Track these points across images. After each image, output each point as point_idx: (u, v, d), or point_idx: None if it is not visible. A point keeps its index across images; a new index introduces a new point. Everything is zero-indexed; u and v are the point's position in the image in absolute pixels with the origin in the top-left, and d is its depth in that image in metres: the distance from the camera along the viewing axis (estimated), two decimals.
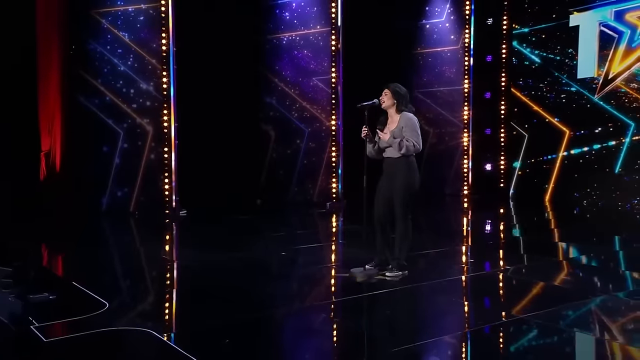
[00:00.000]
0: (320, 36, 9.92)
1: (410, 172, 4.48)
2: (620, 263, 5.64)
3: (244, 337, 3.36)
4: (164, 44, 8.38)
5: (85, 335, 3.30)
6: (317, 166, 10.07)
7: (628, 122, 9.49)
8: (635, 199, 9.37)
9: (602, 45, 9.81)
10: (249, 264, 5.42)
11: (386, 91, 4.58)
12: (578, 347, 3.24)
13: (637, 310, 3.85)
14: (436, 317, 3.83)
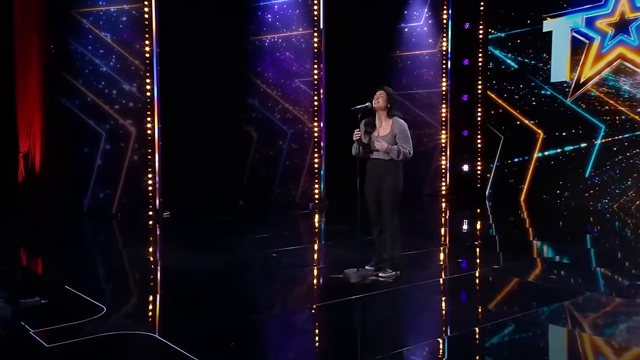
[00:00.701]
0: (303, 38, 9.90)
1: (398, 174, 4.55)
2: (593, 260, 5.81)
3: (245, 339, 3.36)
4: (148, 45, 8.25)
5: (88, 340, 3.24)
6: (299, 167, 10.05)
7: (599, 125, 9.74)
8: (605, 199, 9.64)
9: (574, 50, 10.03)
10: (240, 266, 5.40)
11: (382, 93, 4.58)
12: (569, 345, 3.33)
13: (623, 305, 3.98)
14: (431, 318, 3.88)
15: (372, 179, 4.64)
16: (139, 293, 4.58)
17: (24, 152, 8.60)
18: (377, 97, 4.58)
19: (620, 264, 5.57)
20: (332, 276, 4.57)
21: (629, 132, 9.41)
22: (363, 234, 6.58)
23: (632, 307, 3.91)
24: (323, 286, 4.42)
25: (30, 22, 8.35)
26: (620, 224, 8.35)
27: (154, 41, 8.28)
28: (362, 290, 4.24)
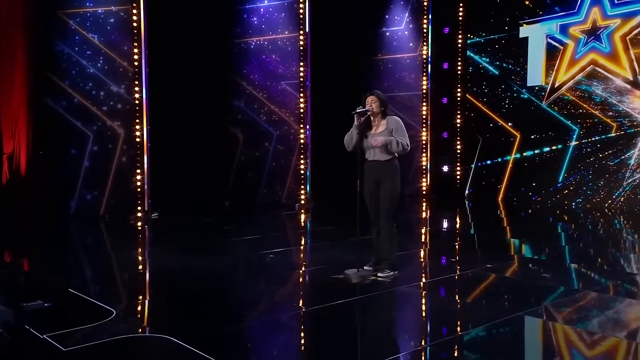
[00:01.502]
0: (289, 41, 9.94)
1: (397, 176, 4.59)
2: (577, 258, 6.01)
3: (258, 340, 3.38)
4: (136, 47, 8.16)
5: (104, 343, 3.21)
6: (285, 168, 10.08)
7: (573, 127, 10.04)
8: (579, 198, 9.94)
9: (549, 55, 10.32)
10: (239, 268, 5.39)
11: (374, 98, 4.62)
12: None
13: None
14: (442, 316, 3.96)
15: (370, 181, 4.66)
16: (144, 295, 4.52)
17: (8, 154, 8.40)
18: (370, 103, 4.63)
19: (595, 261, 5.76)
20: (334, 277, 4.58)
21: (601, 135, 9.72)
22: (353, 235, 6.67)
23: (611, 301, 4.07)
24: (327, 287, 4.42)
25: (14, 22, 8.15)
26: (592, 222, 8.62)
27: (143, 43, 8.19)
28: (367, 290, 4.29)
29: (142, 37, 8.19)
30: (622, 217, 8.81)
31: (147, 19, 8.21)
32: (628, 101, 9.43)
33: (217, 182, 10.30)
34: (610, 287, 4.55)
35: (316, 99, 10.05)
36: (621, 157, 9.47)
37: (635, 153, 9.32)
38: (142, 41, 8.20)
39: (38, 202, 8.25)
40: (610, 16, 9.56)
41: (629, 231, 7.80)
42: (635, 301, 4.07)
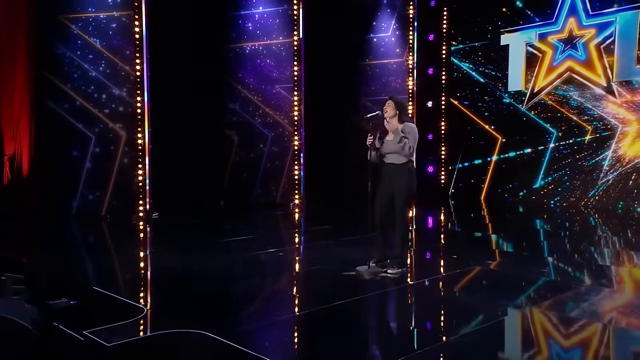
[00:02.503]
0: (283, 46, 10.03)
1: (412, 177, 4.72)
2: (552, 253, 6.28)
3: (292, 333, 3.50)
4: (138, 51, 8.17)
5: (143, 338, 3.30)
6: (280, 169, 10.16)
7: (551, 130, 10.38)
8: (557, 197, 10.28)
9: (528, 62, 10.61)
10: (253, 265, 5.45)
11: (389, 102, 4.77)
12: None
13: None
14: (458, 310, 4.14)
15: (386, 182, 4.77)
16: (169, 293, 4.54)
17: (10, 155, 8.33)
18: (386, 107, 4.78)
19: (574, 255, 6.04)
20: (345, 274, 4.71)
21: (577, 137, 10.07)
22: (351, 233, 6.83)
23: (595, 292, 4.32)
24: (343, 283, 4.52)
25: (17, 26, 8.06)
26: (570, 218, 8.95)
27: (144, 48, 8.21)
28: (384, 286, 4.43)
29: (143, 42, 8.20)
30: (597, 214, 9.18)
31: (148, 24, 8.23)
32: (602, 106, 9.79)
33: (213, 182, 10.34)
34: (591, 278, 4.81)
35: (309, 101, 10.17)
36: (596, 159, 9.83)
37: (608, 155, 9.69)
38: (144, 46, 8.21)
39: (40, 203, 8.17)
40: (585, 26, 9.90)
41: (605, 228, 8.14)
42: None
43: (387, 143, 4.73)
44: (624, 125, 9.55)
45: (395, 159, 4.70)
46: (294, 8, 9.87)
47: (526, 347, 3.25)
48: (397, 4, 11.66)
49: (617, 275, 5.04)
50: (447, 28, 11.63)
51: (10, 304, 4.06)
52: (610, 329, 3.51)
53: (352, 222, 8.58)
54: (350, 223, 8.43)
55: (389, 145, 4.70)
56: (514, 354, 3.20)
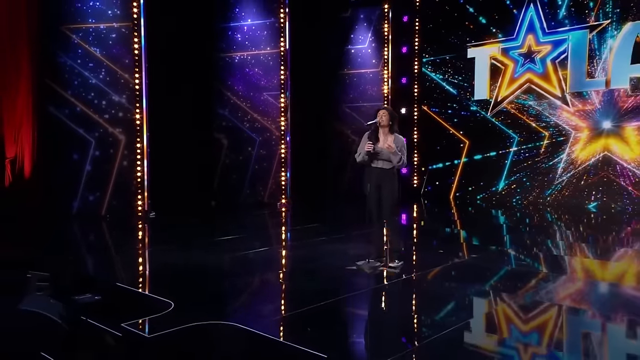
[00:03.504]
0: (270, 56, 10.13)
1: (396, 181, 4.92)
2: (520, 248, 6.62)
3: (311, 323, 3.63)
4: (137, 59, 8.15)
5: (179, 330, 3.33)
6: (267, 171, 10.26)
7: (512, 136, 10.81)
8: (518, 196, 10.72)
9: (492, 74, 11.00)
10: (253, 262, 5.51)
11: (385, 112, 4.90)
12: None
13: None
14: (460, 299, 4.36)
15: (372, 184, 4.92)
16: (188, 287, 4.51)
17: (11, 158, 8.19)
18: (381, 115, 4.89)
19: (531, 246, 6.39)
20: (348, 268, 4.84)
21: (535, 142, 10.52)
22: (341, 231, 6.97)
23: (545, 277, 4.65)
24: (348, 276, 4.61)
25: (19, 36, 7.93)
26: (530, 215, 9.37)
27: (143, 57, 8.19)
28: (390, 278, 4.58)
29: (142, 52, 8.18)
30: (553, 211, 9.64)
31: (146, 34, 8.22)
32: (557, 114, 10.26)
33: (204, 183, 10.36)
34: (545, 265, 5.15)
35: (294, 107, 10.32)
36: (552, 162, 10.30)
37: (563, 158, 10.17)
38: (143, 56, 8.20)
39: (41, 204, 8.06)
40: (542, 43, 10.36)
41: (560, 223, 8.58)
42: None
43: (378, 149, 4.83)
44: (577, 132, 10.05)
45: (383, 164, 4.86)
46: (280, 21, 10.00)
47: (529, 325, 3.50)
48: (373, 19, 11.92)
49: (578, 265, 5.40)
50: (419, 42, 11.93)
51: (38, 300, 4.09)
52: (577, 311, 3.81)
53: (338, 220, 8.80)
54: (336, 221, 8.62)
55: (380, 152, 4.82)
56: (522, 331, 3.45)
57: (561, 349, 3.21)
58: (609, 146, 9.65)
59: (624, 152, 9.51)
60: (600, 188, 9.74)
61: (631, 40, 9.35)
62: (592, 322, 3.65)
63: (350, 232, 6.91)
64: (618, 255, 5.98)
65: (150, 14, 8.29)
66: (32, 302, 3.98)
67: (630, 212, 9.19)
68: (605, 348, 3.23)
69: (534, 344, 3.20)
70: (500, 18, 10.76)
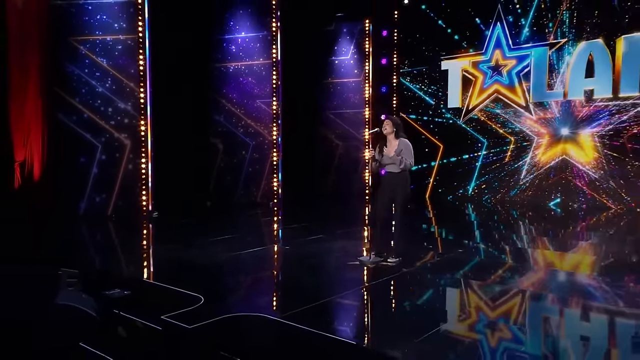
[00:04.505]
0: (263, 66, 10.27)
1: (408, 184, 5.04)
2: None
3: (331, 313, 3.83)
4: (142, 70, 8.19)
5: (214, 322, 3.43)
6: (260, 173, 10.39)
7: (482, 140, 11.23)
8: (487, 195, 11.16)
9: (464, 84, 11.38)
10: (266, 257, 5.66)
11: (388, 121, 5.04)
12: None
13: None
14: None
15: (386, 187, 5.07)
16: (215, 282, 4.53)
17: (20, 161, 8.12)
18: (385, 125, 5.05)
19: (502, 240, 6.78)
20: (350, 263, 5.01)
21: (502, 146, 10.96)
22: (334, 229, 7.12)
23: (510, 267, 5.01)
24: (354, 271, 4.75)
25: (29, 46, 7.87)
26: (498, 212, 9.80)
27: (147, 67, 8.24)
28: (393, 272, 4.76)
29: (147, 62, 8.23)
30: (517, 208, 10.09)
31: (150, 46, 8.26)
32: (522, 122, 10.72)
33: (200, 185, 10.42)
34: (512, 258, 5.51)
35: (285, 114, 10.49)
36: (517, 164, 10.77)
37: (527, 161, 10.65)
38: (147, 65, 8.24)
39: (50, 205, 8.04)
40: (508, 57, 10.80)
41: (524, 220, 9.00)
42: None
43: (386, 155, 5.04)
44: (539, 138, 10.53)
45: (393, 168, 5.01)
46: (272, 33, 10.16)
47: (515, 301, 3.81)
48: (355, 33, 12.18)
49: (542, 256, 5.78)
50: (397, 54, 12.25)
51: (71, 295, 4.16)
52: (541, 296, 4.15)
53: (327, 219, 8.92)
54: (325, 220, 8.75)
55: (388, 158, 5.02)
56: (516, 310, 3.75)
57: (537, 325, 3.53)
58: (567, 151, 10.14)
59: (579, 156, 10.03)
60: (559, 188, 10.24)
61: (585, 57, 9.84)
62: (552, 306, 3.99)
63: (341, 231, 7.15)
64: (575, 247, 6.39)
65: (153, 27, 8.33)
66: (67, 297, 4.07)
67: (585, 209, 9.72)
68: (564, 328, 3.57)
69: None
70: (471, 35, 11.15)
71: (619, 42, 9.37)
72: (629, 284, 4.57)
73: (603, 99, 9.66)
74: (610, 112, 9.61)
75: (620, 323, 3.64)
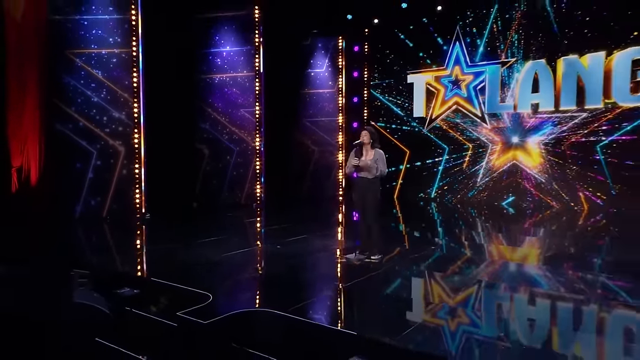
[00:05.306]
0: (246, 78, 10.36)
1: (377, 189, 5.25)
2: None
3: (329, 306, 4.05)
4: (135, 81, 8.16)
5: (226, 317, 3.50)
6: (244, 176, 10.48)
7: (444, 146, 11.65)
8: (449, 195, 11.59)
9: (427, 96, 11.78)
10: (263, 255, 5.71)
11: (366, 133, 5.25)
12: None
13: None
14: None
15: (358, 192, 5.30)
16: (218, 280, 4.57)
17: (17, 167, 7.95)
18: (363, 136, 5.28)
19: (460, 235, 7.19)
20: (339, 260, 5.19)
21: (462, 152, 11.41)
22: (315, 229, 7.24)
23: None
24: (341, 267, 4.93)
25: (27, 58, 7.71)
26: (458, 211, 10.25)
27: (141, 81, 8.21)
28: (376, 269, 4.96)
29: (140, 74, 8.20)
30: (474, 208, 10.58)
31: (145, 59, 8.24)
32: (478, 130, 11.20)
33: (187, 188, 10.41)
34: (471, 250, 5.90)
35: (267, 122, 10.61)
36: (474, 168, 11.24)
37: (483, 165, 11.15)
38: (141, 77, 8.22)
39: (47, 208, 7.91)
40: (466, 73, 11.25)
41: (481, 218, 9.46)
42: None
43: (362, 162, 5.23)
44: (493, 145, 11.05)
45: (367, 175, 5.23)
46: (255, 47, 10.27)
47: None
48: (329, 47, 12.40)
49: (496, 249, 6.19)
50: (368, 68, 12.54)
51: (84, 293, 4.18)
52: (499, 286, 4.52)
53: (307, 220, 8.89)
54: (308, 221, 8.77)
55: (365, 164, 5.21)
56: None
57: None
58: (517, 156, 10.67)
59: (527, 161, 10.59)
60: (510, 189, 10.76)
61: (532, 74, 10.38)
62: (504, 293, 4.35)
63: (322, 231, 7.32)
64: (523, 241, 6.81)
65: (146, 43, 8.30)
66: (82, 296, 4.10)
67: (532, 208, 10.29)
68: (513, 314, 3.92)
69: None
70: (433, 52, 11.56)
71: (559, 62, 9.97)
72: (568, 271, 4.99)
73: (547, 111, 10.24)
74: (552, 123, 10.21)
75: (561, 306, 4.01)
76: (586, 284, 4.56)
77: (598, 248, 6.41)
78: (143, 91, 8.23)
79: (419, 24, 11.60)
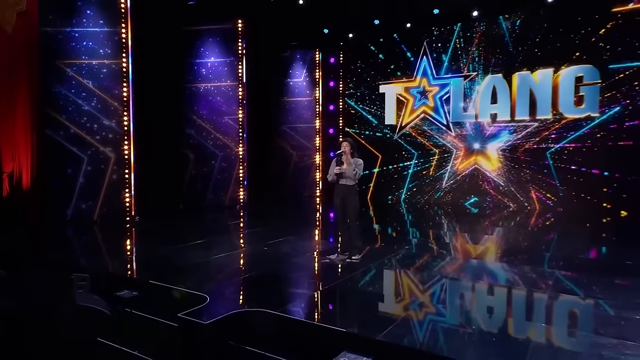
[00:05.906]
0: (230, 87, 10.41)
1: (356, 195, 5.44)
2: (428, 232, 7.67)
3: (319, 302, 4.20)
4: (125, 91, 8.11)
5: (225, 317, 3.57)
6: (228, 180, 10.53)
7: (413, 152, 11.99)
8: (418, 196, 11.94)
9: (398, 105, 12.08)
10: (254, 257, 5.71)
11: (347, 144, 5.39)
12: None
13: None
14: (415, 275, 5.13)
15: (339, 197, 5.45)
16: (215, 282, 4.57)
17: (8, 173, 7.79)
18: (344, 146, 5.42)
19: (427, 233, 7.47)
20: (323, 261, 5.31)
21: (429, 157, 11.79)
22: (299, 230, 7.35)
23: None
24: (326, 268, 5.01)
25: (17, 68, 7.56)
26: (427, 211, 10.57)
27: (131, 93, 8.16)
28: (358, 268, 5.08)
29: (130, 84, 8.16)
30: (440, 208, 10.96)
31: (134, 70, 8.19)
32: (444, 137, 11.58)
33: (174, 190, 10.39)
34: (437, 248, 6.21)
35: (249, 128, 10.69)
36: (440, 171, 11.64)
37: (448, 169, 11.54)
38: (130, 86, 8.17)
39: (38, 212, 7.79)
40: (433, 85, 11.60)
41: (447, 218, 9.77)
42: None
43: (343, 170, 5.40)
44: (457, 150, 11.45)
45: (347, 182, 5.40)
46: (239, 57, 10.33)
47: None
48: (307, 59, 12.56)
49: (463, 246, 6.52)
50: (343, 78, 12.75)
51: (84, 296, 4.20)
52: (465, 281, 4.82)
53: (291, 221, 8.90)
54: (289, 221, 8.80)
55: (345, 172, 5.39)
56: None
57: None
58: (478, 161, 11.12)
59: (487, 165, 11.06)
60: (473, 191, 11.23)
61: (491, 86, 10.82)
62: (467, 284, 4.65)
63: (303, 233, 7.40)
64: (484, 238, 7.14)
65: (135, 53, 8.25)
66: (83, 298, 4.11)
67: (491, 207, 10.75)
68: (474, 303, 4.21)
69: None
70: (403, 65, 11.86)
71: (514, 77, 10.46)
72: (524, 266, 5.32)
73: (504, 120, 10.72)
74: (509, 131, 10.70)
75: (517, 296, 4.32)
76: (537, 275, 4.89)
77: (547, 243, 6.81)
78: (132, 100, 8.18)
79: (390, 39, 11.89)
